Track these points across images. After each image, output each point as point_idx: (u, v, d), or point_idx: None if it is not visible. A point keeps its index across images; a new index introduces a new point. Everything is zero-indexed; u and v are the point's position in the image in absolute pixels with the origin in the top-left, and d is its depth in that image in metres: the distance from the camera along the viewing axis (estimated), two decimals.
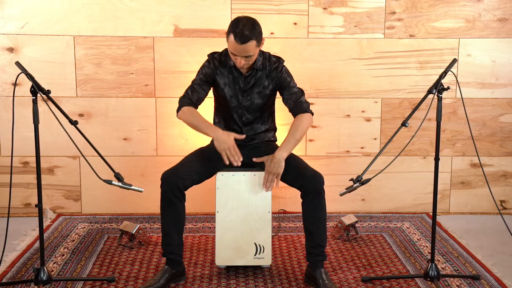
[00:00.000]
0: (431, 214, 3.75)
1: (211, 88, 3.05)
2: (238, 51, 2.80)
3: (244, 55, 2.82)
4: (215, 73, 2.97)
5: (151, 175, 3.87)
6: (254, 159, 2.93)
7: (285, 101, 3.04)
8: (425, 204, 4.03)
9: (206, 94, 3.03)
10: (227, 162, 2.85)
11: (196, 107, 2.99)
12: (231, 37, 2.78)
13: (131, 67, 3.84)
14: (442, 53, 3.90)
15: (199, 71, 3.02)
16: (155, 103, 3.89)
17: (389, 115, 3.97)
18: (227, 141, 2.83)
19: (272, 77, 2.99)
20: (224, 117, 3.08)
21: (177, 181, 2.81)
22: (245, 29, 2.76)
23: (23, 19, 3.76)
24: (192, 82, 3.02)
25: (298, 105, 2.98)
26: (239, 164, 2.85)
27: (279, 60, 3.02)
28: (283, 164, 2.84)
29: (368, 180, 2.71)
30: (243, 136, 2.94)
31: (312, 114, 3.01)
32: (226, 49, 2.97)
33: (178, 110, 2.99)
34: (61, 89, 3.81)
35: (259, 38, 2.81)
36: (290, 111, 3.03)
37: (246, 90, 2.99)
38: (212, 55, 3.01)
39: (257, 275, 2.99)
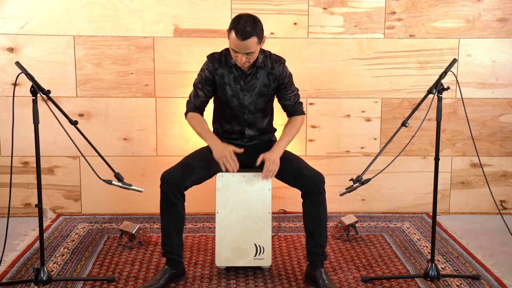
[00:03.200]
0: (431, 214, 3.75)
1: (213, 88, 3.04)
2: (239, 48, 2.80)
3: (245, 52, 2.81)
4: (215, 74, 2.97)
5: (151, 175, 3.87)
6: (257, 163, 2.95)
7: (283, 101, 3.07)
8: (425, 204, 4.03)
9: (210, 96, 3.05)
10: (224, 170, 2.91)
11: (202, 111, 3.05)
12: (233, 33, 2.78)
13: (131, 67, 3.84)
14: (442, 53, 3.90)
15: (198, 74, 3.02)
16: (155, 103, 3.89)
17: (389, 115, 3.97)
18: (224, 151, 2.90)
19: (275, 76, 2.99)
20: (225, 117, 3.08)
21: (177, 181, 2.81)
22: (246, 25, 2.76)
23: (23, 19, 3.76)
24: (194, 85, 3.04)
25: (296, 107, 3.08)
26: (236, 171, 2.91)
27: (281, 59, 3.02)
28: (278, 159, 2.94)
29: (368, 180, 2.71)
30: (241, 150, 2.97)
31: (304, 114, 3.14)
32: (226, 49, 2.97)
33: (186, 114, 3.08)
34: (61, 89, 3.81)
35: (260, 35, 2.81)
36: (286, 110, 3.10)
37: (247, 89, 2.98)
38: (211, 56, 3.00)
39: (257, 275, 2.99)
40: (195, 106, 3.03)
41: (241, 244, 2.97)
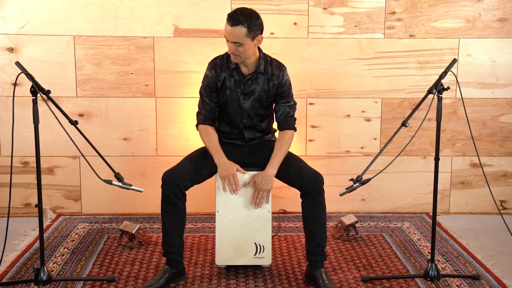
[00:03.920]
0: (431, 214, 3.75)
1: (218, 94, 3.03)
2: (227, 33, 2.82)
3: (232, 40, 2.81)
4: (217, 80, 2.96)
5: (151, 175, 3.87)
6: (246, 186, 2.95)
7: (277, 109, 3.04)
8: (425, 204, 4.03)
9: (218, 102, 3.02)
10: (225, 190, 2.92)
11: (212, 120, 3.02)
12: (226, 19, 2.80)
13: (131, 67, 3.84)
14: (442, 53, 3.90)
15: (202, 82, 3.01)
16: (155, 103, 3.89)
17: (389, 115, 3.97)
18: (229, 169, 2.90)
19: (274, 82, 2.98)
20: (224, 119, 3.07)
21: (178, 181, 2.82)
22: (240, 14, 2.79)
23: (23, 19, 3.76)
24: (200, 93, 3.03)
25: (289, 120, 3.03)
26: (236, 193, 2.93)
27: (282, 66, 3.01)
28: (273, 180, 2.91)
29: (368, 180, 2.71)
30: (245, 172, 2.95)
31: (296, 130, 3.06)
32: (227, 52, 2.97)
33: (196, 126, 3.06)
34: (61, 89, 3.81)
35: (251, 28, 2.80)
36: (277, 120, 3.05)
37: (247, 93, 2.98)
38: (213, 62, 3.00)
39: (257, 275, 2.99)
40: (205, 116, 3.01)
41: (241, 243, 2.97)
